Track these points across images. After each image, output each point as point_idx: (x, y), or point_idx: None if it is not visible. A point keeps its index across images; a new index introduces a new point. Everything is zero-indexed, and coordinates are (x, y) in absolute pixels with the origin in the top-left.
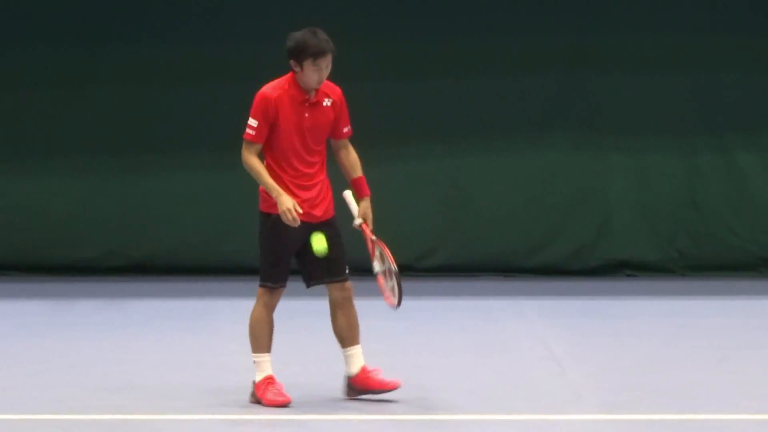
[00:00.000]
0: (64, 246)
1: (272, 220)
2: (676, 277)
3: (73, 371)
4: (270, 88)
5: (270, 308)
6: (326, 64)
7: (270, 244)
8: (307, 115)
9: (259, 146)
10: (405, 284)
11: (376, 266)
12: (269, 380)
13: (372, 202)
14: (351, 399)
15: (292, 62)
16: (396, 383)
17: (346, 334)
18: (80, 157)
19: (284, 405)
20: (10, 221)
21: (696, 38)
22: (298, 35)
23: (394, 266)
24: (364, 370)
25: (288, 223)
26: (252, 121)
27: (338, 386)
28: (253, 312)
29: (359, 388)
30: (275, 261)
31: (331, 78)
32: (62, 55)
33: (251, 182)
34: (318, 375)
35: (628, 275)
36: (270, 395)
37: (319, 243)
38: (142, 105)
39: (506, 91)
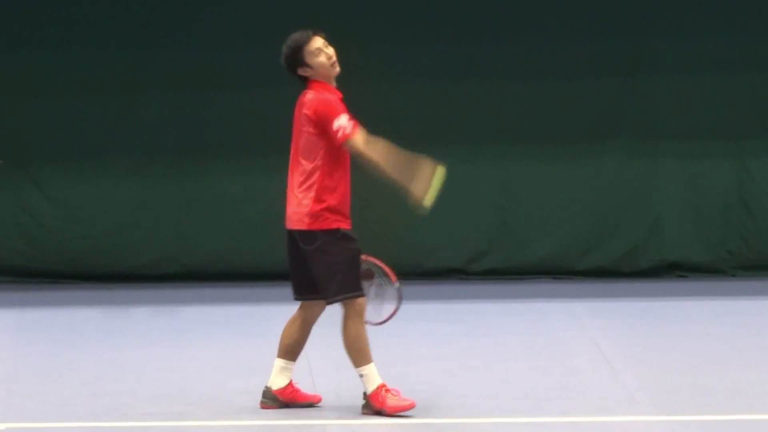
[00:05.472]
0: (117, 253)
1: (341, 233)
2: (727, 278)
3: (127, 378)
4: (327, 93)
5: (363, 318)
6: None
7: (348, 255)
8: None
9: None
10: (457, 287)
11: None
12: (384, 387)
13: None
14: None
15: (299, 70)
16: (318, 397)
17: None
18: (133, 164)
19: (409, 409)
20: (63, 229)
21: (747, 41)
22: (287, 44)
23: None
24: (291, 384)
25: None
26: (343, 117)
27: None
28: (348, 329)
29: (287, 400)
30: (356, 268)
31: (375, 77)
32: (116, 60)
33: None
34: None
35: (679, 276)
36: (392, 402)
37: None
38: (196, 110)
39: (560, 95)
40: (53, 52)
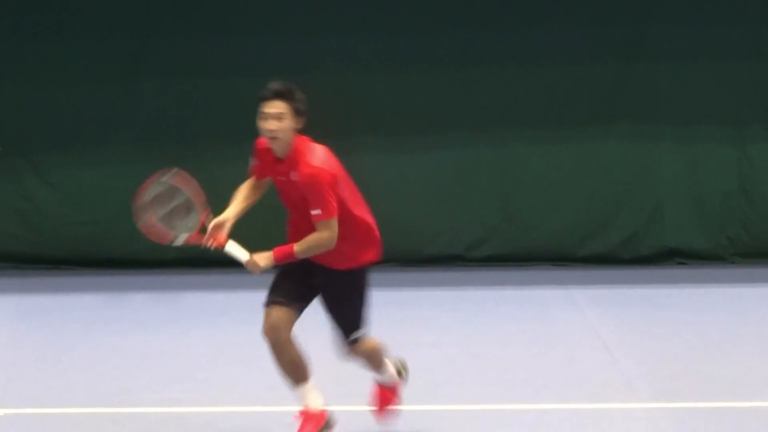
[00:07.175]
0: (117, 239)
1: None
2: (727, 265)
3: (126, 364)
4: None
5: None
6: (274, 111)
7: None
8: (283, 178)
9: (252, 179)
10: (456, 274)
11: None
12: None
13: (423, 191)
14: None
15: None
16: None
17: None
18: (132, 149)
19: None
20: (63, 215)
21: (748, 27)
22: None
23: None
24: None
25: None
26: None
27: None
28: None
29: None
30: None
31: (375, 65)
32: (116, 48)
33: None
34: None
35: (679, 263)
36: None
37: None
38: (195, 98)
39: (560, 81)
40: (53, 40)
